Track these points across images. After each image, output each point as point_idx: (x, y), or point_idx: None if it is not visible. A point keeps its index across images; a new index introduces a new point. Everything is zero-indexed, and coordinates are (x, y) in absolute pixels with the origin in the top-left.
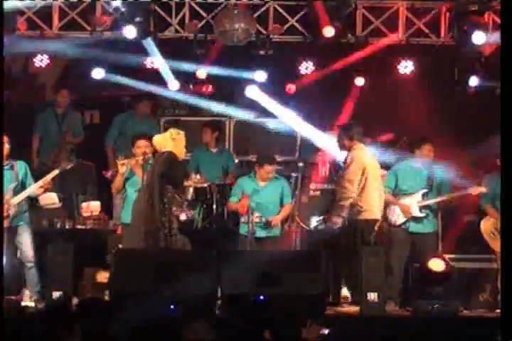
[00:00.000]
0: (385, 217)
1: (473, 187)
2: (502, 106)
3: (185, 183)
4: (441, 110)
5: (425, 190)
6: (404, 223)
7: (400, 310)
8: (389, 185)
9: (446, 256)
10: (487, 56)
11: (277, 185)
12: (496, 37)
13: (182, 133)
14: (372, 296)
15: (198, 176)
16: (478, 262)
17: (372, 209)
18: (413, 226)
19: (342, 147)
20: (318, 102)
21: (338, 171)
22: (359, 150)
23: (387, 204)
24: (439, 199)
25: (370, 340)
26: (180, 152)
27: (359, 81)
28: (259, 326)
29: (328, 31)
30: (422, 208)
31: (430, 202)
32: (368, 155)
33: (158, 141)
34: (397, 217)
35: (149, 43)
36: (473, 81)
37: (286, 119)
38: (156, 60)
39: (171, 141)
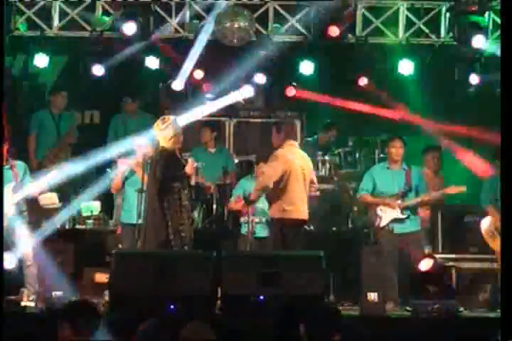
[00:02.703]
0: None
1: (452, 186)
2: (502, 106)
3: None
4: (441, 110)
5: (403, 191)
6: (387, 225)
7: (399, 310)
8: (366, 187)
9: (443, 256)
10: (487, 56)
11: None
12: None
13: (168, 117)
14: (372, 296)
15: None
16: (478, 262)
17: (299, 209)
18: (396, 227)
19: (274, 144)
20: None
21: None
22: (286, 149)
23: (369, 207)
24: (418, 199)
25: (370, 340)
26: (171, 140)
27: (362, 81)
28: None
29: (334, 31)
30: (403, 209)
31: (409, 203)
32: (295, 155)
33: (155, 134)
34: (380, 220)
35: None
36: (474, 80)
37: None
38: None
39: (159, 133)
